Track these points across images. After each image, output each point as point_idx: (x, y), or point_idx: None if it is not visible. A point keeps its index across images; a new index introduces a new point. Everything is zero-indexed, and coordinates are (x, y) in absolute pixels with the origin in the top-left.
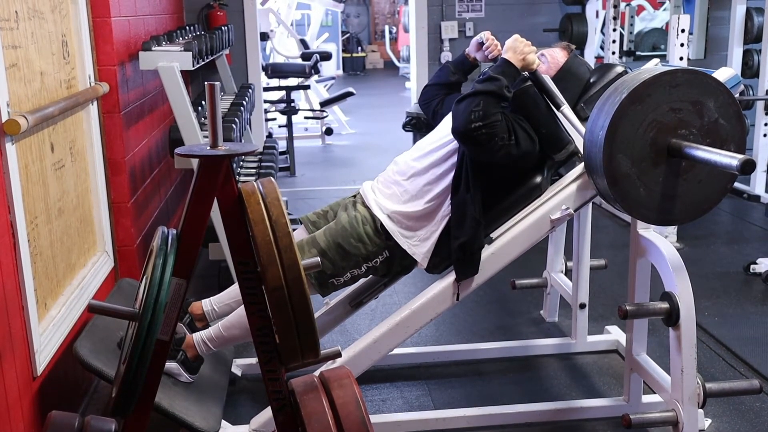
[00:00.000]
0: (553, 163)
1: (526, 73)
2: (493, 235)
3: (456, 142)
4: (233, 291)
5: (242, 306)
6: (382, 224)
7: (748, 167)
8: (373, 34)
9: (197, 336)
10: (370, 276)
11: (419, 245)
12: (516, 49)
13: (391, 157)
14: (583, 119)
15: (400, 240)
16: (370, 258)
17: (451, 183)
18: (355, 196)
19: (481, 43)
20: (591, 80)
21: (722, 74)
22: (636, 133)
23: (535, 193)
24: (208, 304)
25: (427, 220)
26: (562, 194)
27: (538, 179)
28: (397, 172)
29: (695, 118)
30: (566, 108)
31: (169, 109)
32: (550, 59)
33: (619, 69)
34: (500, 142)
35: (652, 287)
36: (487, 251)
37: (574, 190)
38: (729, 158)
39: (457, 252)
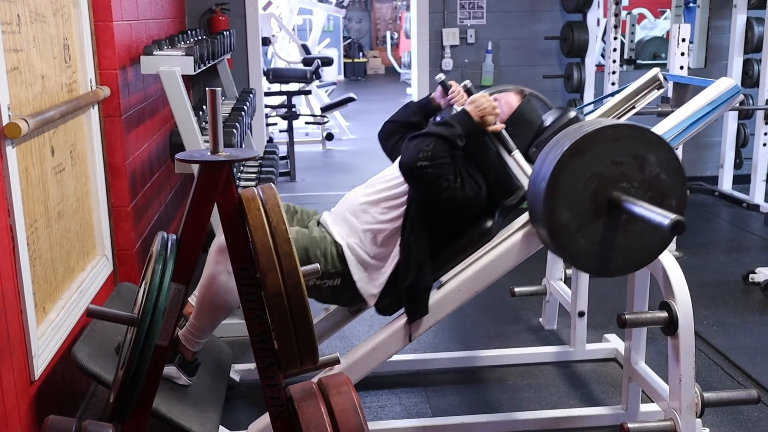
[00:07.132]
0: (504, 208)
1: None
2: (443, 279)
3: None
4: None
5: (199, 291)
6: (342, 250)
7: (678, 228)
8: (374, 39)
9: (181, 333)
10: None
11: (369, 284)
12: (479, 105)
13: (389, 164)
14: (534, 163)
15: (353, 271)
16: (322, 277)
17: (401, 225)
18: (319, 223)
19: (447, 90)
20: (545, 123)
21: (721, 85)
22: (577, 186)
23: (485, 237)
24: (194, 299)
25: (379, 260)
26: (510, 240)
27: (489, 224)
28: (347, 210)
29: (637, 172)
30: (517, 153)
31: (170, 113)
32: (504, 104)
33: (572, 114)
34: (444, 183)
35: (651, 296)
36: (437, 295)
37: (521, 236)
38: (661, 217)
39: (404, 294)
